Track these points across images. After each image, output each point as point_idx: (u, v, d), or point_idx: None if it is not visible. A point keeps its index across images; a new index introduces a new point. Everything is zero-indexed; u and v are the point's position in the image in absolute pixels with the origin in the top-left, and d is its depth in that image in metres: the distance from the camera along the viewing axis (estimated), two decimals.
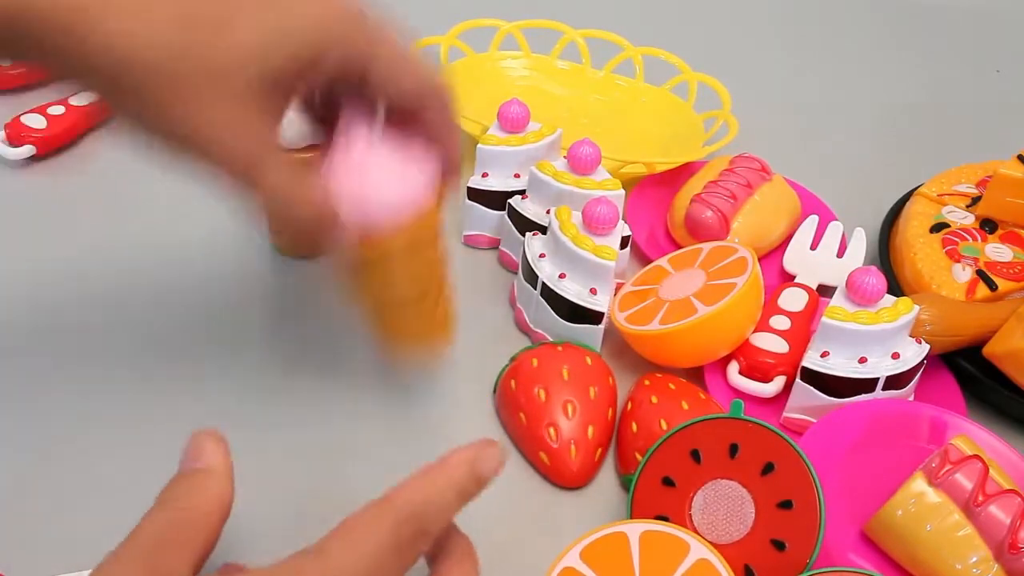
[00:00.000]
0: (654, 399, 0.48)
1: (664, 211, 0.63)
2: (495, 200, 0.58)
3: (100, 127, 0.69)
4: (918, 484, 0.43)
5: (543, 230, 0.54)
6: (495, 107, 0.67)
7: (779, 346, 0.51)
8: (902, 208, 0.63)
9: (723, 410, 0.48)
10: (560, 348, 0.49)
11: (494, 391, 0.51)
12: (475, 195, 0.58)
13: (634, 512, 0.43)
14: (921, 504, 0.42)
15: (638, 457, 0.46)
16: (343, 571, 0.31)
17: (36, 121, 0.65)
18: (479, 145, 0.58)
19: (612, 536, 0.40)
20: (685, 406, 0.47)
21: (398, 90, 0.39)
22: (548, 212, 0.54)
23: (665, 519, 0.42)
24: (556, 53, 0.74)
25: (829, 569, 0.39)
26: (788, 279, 0.58)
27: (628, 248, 0.55)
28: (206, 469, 0.35)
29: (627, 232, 0.54)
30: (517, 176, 0.58)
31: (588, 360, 0.49)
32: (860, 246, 0.60)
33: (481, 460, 0.35)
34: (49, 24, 0.34)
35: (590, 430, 0.47)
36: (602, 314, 0.51)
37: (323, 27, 0.37)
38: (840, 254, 0.60)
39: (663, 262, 0.56)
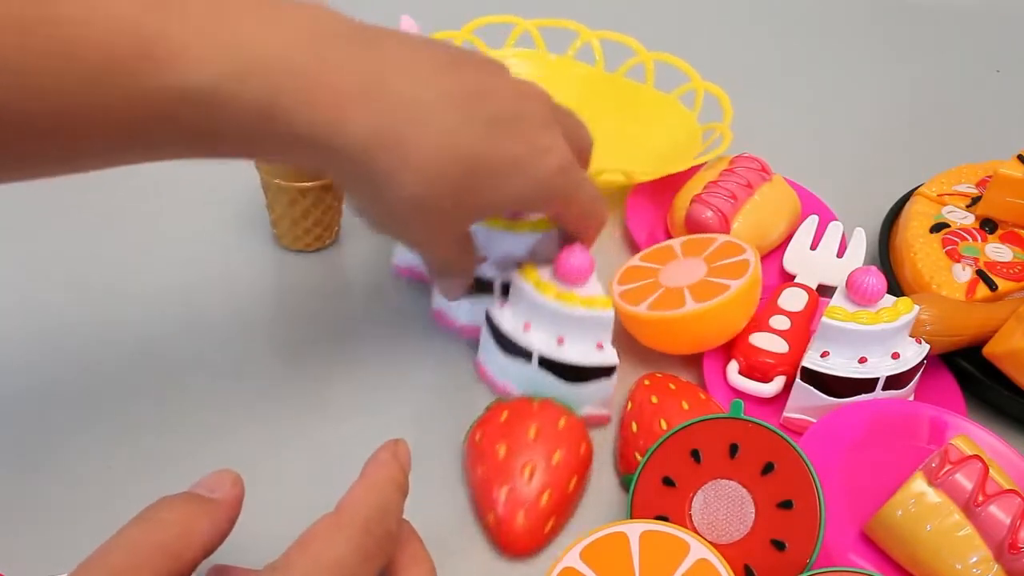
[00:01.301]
0: (654, 399, 0.48)
1: (664, 211, 0.63)
2: None
3: None
4: (918, 484, 0.43)
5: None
6: None
7: (779, 346, 0.51)
8: (902, 208, 0.63)
9: (723, 410, 0.48)
10: (535, 405, 0.46)
11: (464, 440, 0.48)
12: None
13: (634, 512, 0.43)
14: (921, 504, 0.42)
15: (638, 457, 0.46)
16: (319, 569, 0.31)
17: None
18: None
19: (612, 536, 0.40)
20: (685, 406, 0.47)
21: (576, 231, 0.48)
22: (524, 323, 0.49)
23: (665, 519, 0.42)
24: (571, 53, 0.74)
25: (829, 569, 0.39)
26: (788, 279, 0.58)
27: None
28: (215, 499, 0.34)
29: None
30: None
31: (561, 422, 0.45)
32: (860, 246, 0.60)
33: (398, 452, 0.36)
34: (367, 168, 0.38)
35: (544, 497, 0.43)
36: (615, 367, 0.48)
37: (543, 197, 0.43)
38: (840, 254, 0.60)
39: (675, 243, 0.56)
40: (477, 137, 0.40)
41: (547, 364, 0.47)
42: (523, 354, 0.48)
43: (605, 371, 0.48)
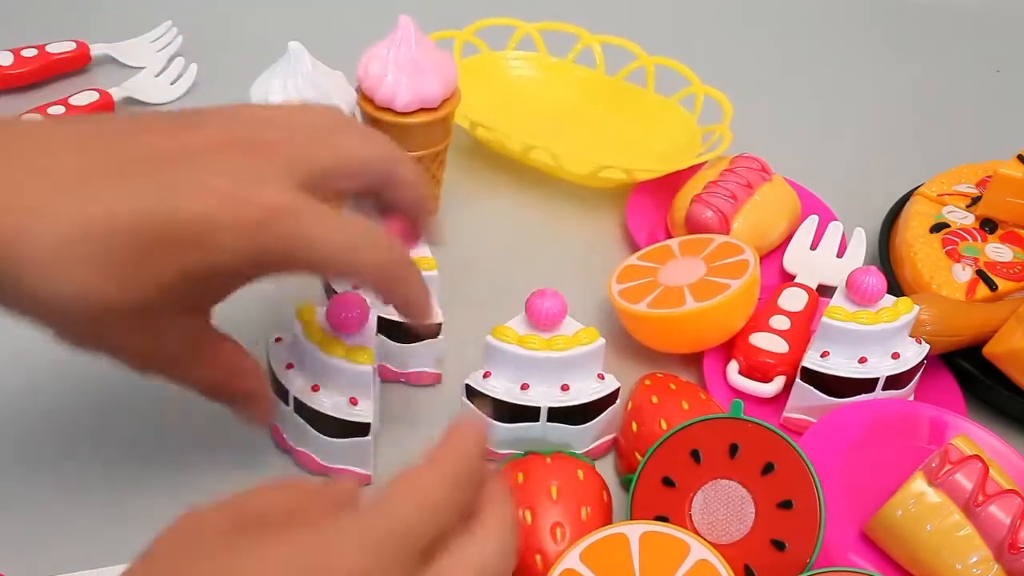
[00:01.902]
0: (654, 399, 0.48)
1: (664, 211, 0.63)
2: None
3: None
4: (918, 484, 0.43)
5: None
6: (501, 105, 0.67)
7: (779, 346, 0.51)
8: (902, 208, 0.63)
9: (723, 410, 0.48)
10: (549, 460, 0.44)
11: None
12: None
13: (634, 512, 0.43)
14: (921, 504, 0.42)
15: (638, 457, 0.46)
16: (407, 521, 0.31)
17: None
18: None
19: (612, 537, 0.40)
20: (685, 406, 0.47)
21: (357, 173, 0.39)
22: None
23: (665, 519, 0.42)
24: (571, 57, 0.74)
25: (829, 569, 0.39)
26: (788, 279, 0.58)
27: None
28: None
29: (439, 319, 0.48)
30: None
31: (580, 474, 0.44)
32: (860, 246, 0.60)
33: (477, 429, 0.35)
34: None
35: None
36: (368, 425, 0.44)
37: (247, 248, 0.35)
38: (840, 254, 0.60)
39: (674, 243, 0.56)
40: (124, 194, 0.34)
41: (300, 409, 0.45)
42: (283, 394, 0.45)
43: (359, 428, 0.45)
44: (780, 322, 0.53)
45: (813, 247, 0.61)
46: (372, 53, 0.56)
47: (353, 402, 0.44)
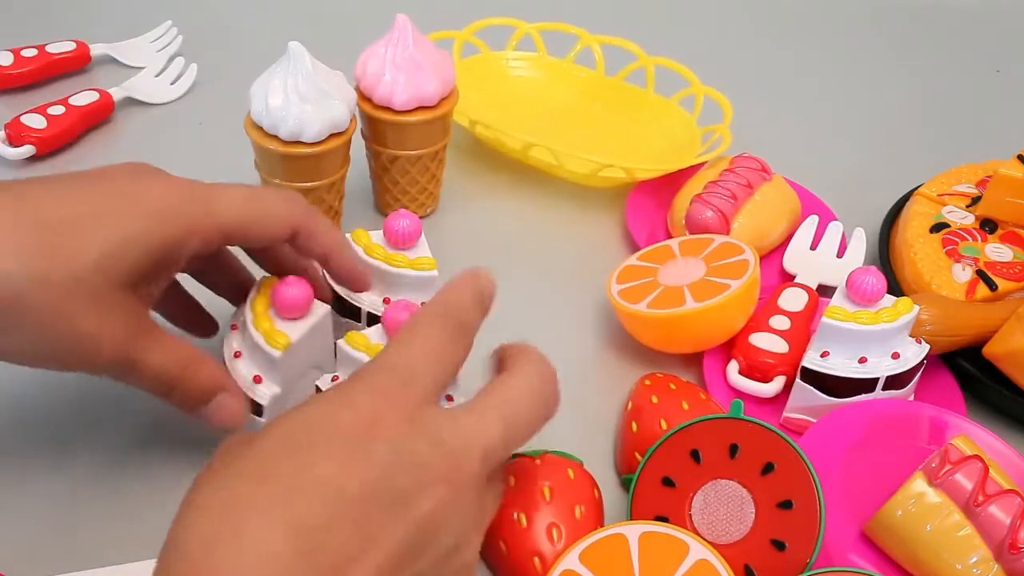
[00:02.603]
0: (654, 399, 0.48)
1: (664, 211, 0.63)
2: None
3: (99, 127, 0.69)
4: (918, 484, 0.42)
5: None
6: (500, 105, 0.67)
7: (779, 346, 0.51)
8: (902, 208, 0.63)
9: (723, 410, 0.48)
10: (538, 461, 0.44)
11: None
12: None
13: (634, 512, 0.43)
14: (921, 504, 0.42)
15: (638, 457, 0.46)
16: (412, 363, 0.35)
17: (36, 121, 0.65)
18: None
19: (611, 538, 0.40)
20: (685, 406, 0.47)
21: (263, 237, 0.42)
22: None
23: (665, 519, 0.42)
24: (571, 57, 0.74)
25: (829, 569, 0.39)
26: (788, 279, 0.58)
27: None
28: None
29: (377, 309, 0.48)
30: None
31: (570, 473, 0.44)
32: (860, 246, 0.60)
33: (480, 278, 0.40)
34: None
35: None
36: (261, 407, 0.44)
37: (171, 223, 0.39)
38: (840, 254, 0.60)
39: (673, 243, 0.56)
40: None
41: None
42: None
43: (253, 407, 0.45)
44: (780, 322, 0.53)
45: (813, 247, 0.61)
46: (370, 52, 0.57)
47: (257, 379, 0.44)
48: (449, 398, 0.43)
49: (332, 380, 0.45)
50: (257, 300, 0.45)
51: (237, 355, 0.45)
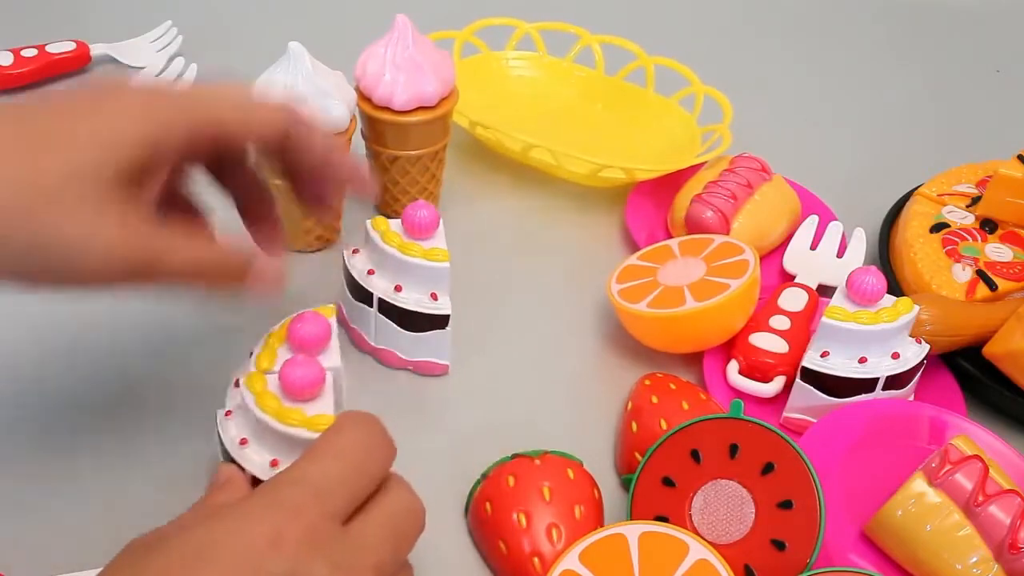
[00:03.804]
0: (654, 399, 0.48)
1: (664, 211, 0.63)
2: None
3: None
4: (918, 484, 0.42)
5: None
6: (500, 105, 0.67)
7: (779, 346, 0.51)
8: (902, 208, 0.63)
9: (723, 410, 0.48)
10: (538, 461, 0.44)
11: (466, 511, 0.46)
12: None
13: (634, 512, 0.43)
14: (921, 504, 0.42)
15: (638, 457, 0.46)
16: (326, 478, 0.33)
17: None
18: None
19: (611, 538, 0.40)
20: (685, 406, 0.47)
21: (255, 133, 0.41)
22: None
23: (665, 519, 0.42)
24: (571, 57, 0.74)
25: (829, 569, 0.39)
26: (788, 279, 0.58)
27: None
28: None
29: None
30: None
31: (570, 473, 0.44)
32: (860, 246, 0.60)
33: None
34: None
35: None
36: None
37: (153, 117, 0.37)
38: (840, 254, 0.60)
39: (673, 243, 0.56)
40: None
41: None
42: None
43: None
44: (780, 322, 0.53)
45: (813, 247, 0.61)
46: (370, 52, 0.57)
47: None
48: None
49: (225, 415, 0.43)
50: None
51: (243, 443, 0.41)
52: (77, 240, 0.35)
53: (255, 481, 0.40)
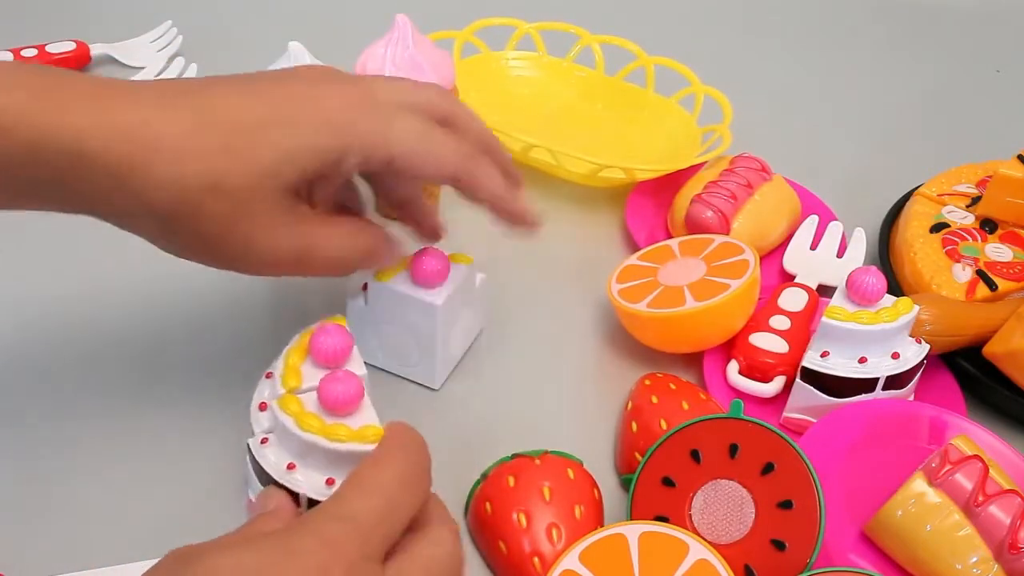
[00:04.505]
0: (654, 399, 0.48)
1: (664, 211, 0.63)
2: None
3: None
4: (918, 484, 0.42)
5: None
6: (500, 105, 0.67)
7: (779, 346, 0.51)
8: (902, 208, 0.63)
9: (723, 410, 0.48)
10: (538, 461, 0.44)
11: (465, 512, 0.46)
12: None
13: (634, 512, 0.43)
14: (921, 504, 0.42)
15: (638, 457, 0.46)
16: (369, 515, 0.33)
17: None
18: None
19: (611, 538, 0.40)
20: (685, 406, 0.47)
21: (420, 179, 0.45)
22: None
23: (665, 519, 0.42)
24: (571, 57, 0.74)
25: (829, 569, 0.39)
26: (788, 279, 0.58)
27: None
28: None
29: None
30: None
31: (570, 473, 0.44)
32: (860, 246, 0.60)
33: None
34: (102, 170, 0.37)
35: None
36: None
37: (338, 136, 0.40)
38: (840, 254, 0.60)
39: (673, 243, 0.56)
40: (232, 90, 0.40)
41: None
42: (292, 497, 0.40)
43: None
44: (780, 322, 0.53)
45: (813, 247, 0.61)
46: (370, 52, 0.57)
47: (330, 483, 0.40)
48: None
49: (261, 443, 0.41)
50: (290, 400, 0.40)
51: (291, 467, 0.40)
52: (259, 246, 0.40)
53: (311, 502, 0.39)
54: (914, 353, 0.48)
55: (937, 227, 0.59)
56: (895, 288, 0.56)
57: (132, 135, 0.37)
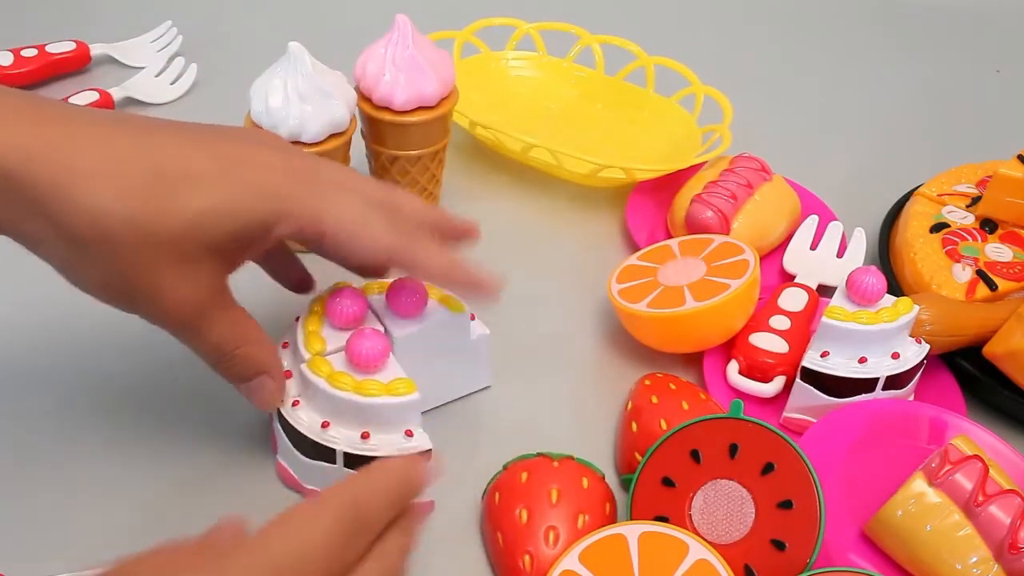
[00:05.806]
0: (654, 399, 0.48)
1: (664, 211, 0.63)
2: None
3: None
4: (918, 484, 0.42)
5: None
6: (500, 105, 0.67)
7: (779, 346, 0.51)
8: (902, 208, 0.63)
9: (723, 410, 0.48)
10: (556, 463, 0.44)
11: (483, 496, 0.46)
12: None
13: (634, 512, 0.43)
14: (921, 504, 0.42)
15: (638, 457, 0.46)
16: (286, 558, 0.31)
17: None
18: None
19: (611, 538, 0.40)
20: (685, 406, 0.47)
21: (355, 258, 0.42)
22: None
23: (665, 519, 0.42)
24: (571, 57, 0.74)
25: (829, 569, 0.39)
26: (788, 279, 0.58)
27: None
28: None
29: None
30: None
31: (585, 482, 0.43)
32: (860, 246, 0.60)
33: (413, 469, 0.36)
34: (19, 191, 0.35)
35: None
36: (429, 451, 0.42)
37: (272, 202, 0.39)
38: (840, 254, 0.60)
39: (673, 243, 0.56)
40: (167, 141, 0.38)
41: (354, 463, 0.42)
42: (326, 455, 0.42)
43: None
44: (780, 322, 0.53)
45: (813, 247, 0.61)
46: (370, 52, 0.57)
47: (409, 434, 0.42)
48: None
49: (293, 405, 0.43)
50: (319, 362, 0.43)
51: (325, 426, 0.42)
52: (165, 291, 0.38)
53: (347, 456, 0.42)
54: (914, 353, 0.48)
55: (937, 227, 0.59)
56: (895, 288, 0.56)
57: (57, 157, 0.35)
